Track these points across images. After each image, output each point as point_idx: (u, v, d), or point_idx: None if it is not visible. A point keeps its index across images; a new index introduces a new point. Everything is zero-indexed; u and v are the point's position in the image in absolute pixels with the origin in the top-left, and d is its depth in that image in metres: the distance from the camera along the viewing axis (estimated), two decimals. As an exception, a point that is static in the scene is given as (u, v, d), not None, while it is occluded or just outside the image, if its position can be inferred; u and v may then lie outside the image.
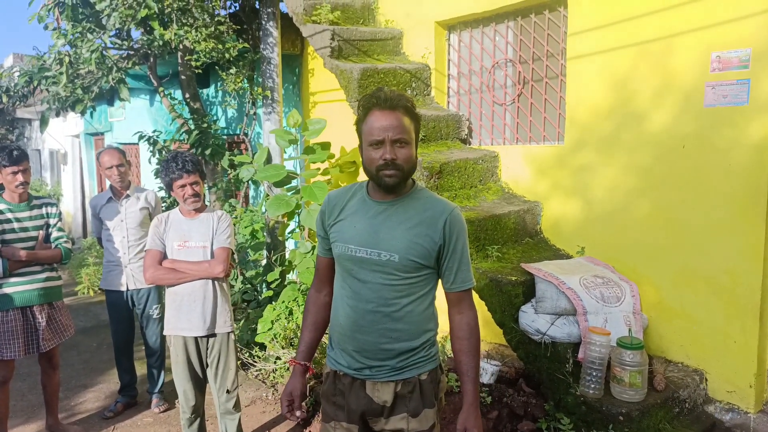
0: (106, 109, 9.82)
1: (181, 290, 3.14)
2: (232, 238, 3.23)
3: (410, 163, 1.89)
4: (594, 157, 3.92)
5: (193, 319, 3.13)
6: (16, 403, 4.31)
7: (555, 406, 3.35)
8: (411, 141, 1.88)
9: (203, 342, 3.21)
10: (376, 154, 1.85)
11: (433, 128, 4.51)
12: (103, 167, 4.06)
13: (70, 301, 7.19)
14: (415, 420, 1.97)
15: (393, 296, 1.91)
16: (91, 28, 5.08)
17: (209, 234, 3.18)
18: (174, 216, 3.23)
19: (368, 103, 1.89)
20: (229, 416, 3.34)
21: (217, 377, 3.25)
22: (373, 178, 1.91)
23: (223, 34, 5.28)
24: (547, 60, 4.30)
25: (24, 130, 14.22)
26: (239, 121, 6.80)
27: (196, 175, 3.14)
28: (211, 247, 3.17)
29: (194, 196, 3.14)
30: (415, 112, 1.91)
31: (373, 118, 1.86)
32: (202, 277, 3.13)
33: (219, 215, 3.24)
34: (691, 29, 3.39)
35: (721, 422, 3.40)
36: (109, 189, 4.16)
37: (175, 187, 3.12)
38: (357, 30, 4.89)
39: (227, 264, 3.18)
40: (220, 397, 3.29)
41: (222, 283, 3.24)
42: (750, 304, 3.29)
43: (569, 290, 3.42)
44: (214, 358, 3.23)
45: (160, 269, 3.12)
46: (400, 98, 1.87)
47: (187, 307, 3.13)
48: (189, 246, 3.15)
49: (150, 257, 3.15)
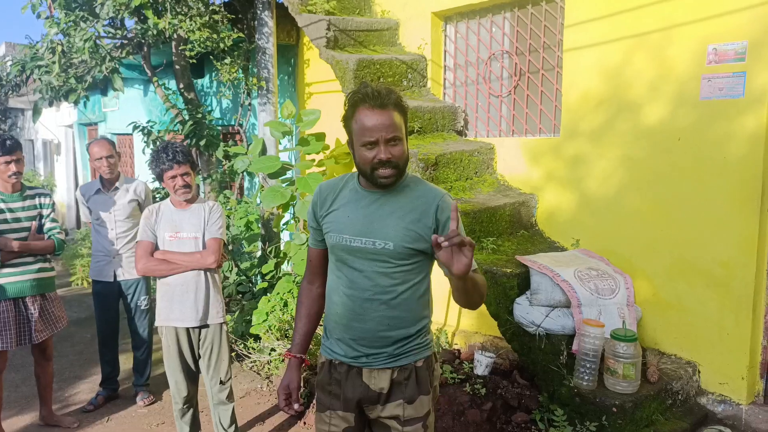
0: (99, 99, 9.75)
1: (173, 281, 3.13)
2: (223, 229, 3.23)
3: (404, 158, 1.88)
4: (589, 149, 3.92)
5: (186, 310, 3.12)
6: (10, 395, 4.30)
7: (549, 397, 3.36)
8: (403, 137, 1.86)
9: (195, 333, 3.20)
10: (370, 154, 1.84)
11: (429, 120, 4.50)
12: (92, 158, 4.04)
13: (63, 292, 7.16)
14: (411, 406, 1.98)
15: (389, 284, 1.92)
16: (85, 17, 5.02)
17: (201, 225, 3.17)
18: (165, 207, 3.21)
19: (355, 99, 1.85)
20: (222, 407, 3.34)
21: (209, 368, 3.25)
22: (368, 177, 1.89)
23: (217, 24, 5.24)
24: (543, 51, 4.28)
25: (17, 120, 14.12)
26: (234, 111, 6.76)
27: (186, 166, 3.12)
28: (202, 238, 3.16)
29: (185, 187, 3.12)
30: (404, 104, 1.88)
31: (363, 117, 1.82)
32: (194, 268, 3.12)
33: (210, 206, 3.23)
34: (688, 21, 3.38)
35: (714, 414, 3.42)
36: (99, 180, 4.14)
37: (166, 178, 3.10)
38: (353, 20, 4.86)
39: (219, 255, 3.17)
40: (213, 387, 3.29)
41: (214, 274, 3.23)
42: (744, 297, 3.30)
43: (564, 282, 3.43)
44: (206, 349, 3.23)
45: (152, 260, 3.11)
46: (390, 94, 1.83)
47: (179, 297, 3.12)
48: (180, 237, 3.14)
49: (141, 248, 3.14)
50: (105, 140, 4.13)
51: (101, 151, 4.01)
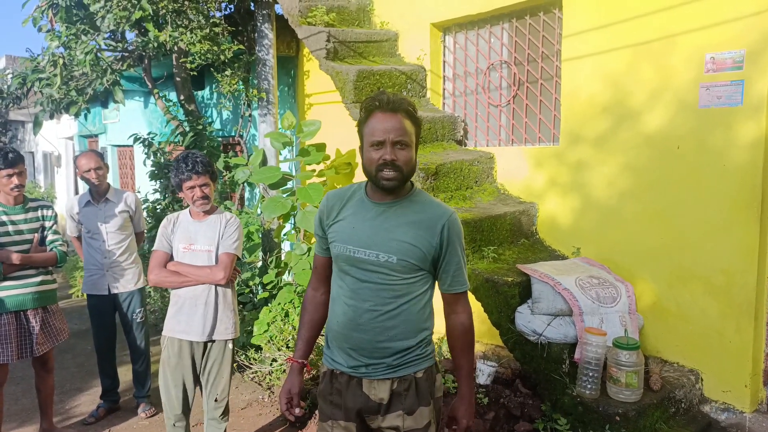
0: (100, 111, 9.78)
1: (183, 293, 3.07)
2: (239, 243, 3.14)
3: (409, 166, 1.92)
4: (589, 157, 3.93)
5: (193, 323, 3.06)
6: (10, 407, 4.28)
7: (552, 406, 3.35)
8: (411, 144, 1.91)
9: (200, 347, 3.12)
10: (376, 155, 1.88)
11: (429, 130, 4.52)
12: (80, 170, 4.00)
13: (64, 304, 7.15)
14: (411, 418, 1.98)
15: (390, 296, 1.94)
16: (86, 30, 5.06)
17: (215, 238, 3.09)
18: (183, 217, 3.16)
19: (371, 105, 1.92)
20: (215, 423, 3.23)
21: (208, 384, 3.16)
22: (372, 179, 1.93)
23: (218, 36, 5.28)
24: (542, 61, 4.31)
25: (17, 132, 14.15)
26: (234, 123, 6.79)
27: (206, 177, 3.05)
28: (216, 251, 3.09)
29: (203, 198, 3.05)
30: (417, 116, 1.95)
31: (375, 120, 1.89)
32: (203, 282, 3.05)
33: (227, 218, 3.15)
34: (686, 31, 3.41)
35: (717, 422, 3.41)
36: (88, 192, 4.12)
37: (185, 188, 3.03)
38: (352, 32, 4.89)
39: (230, 270, 3.08)
40: (209, 403, 3.19)
41: (226, 289, 3.15)
42: (745, 304, 3.30)
43: (565, 291, 3.43)
44: (208, 365, 3.14)
45: (164, 272, 3.05)
46: (402, 102, 1.91)
47: (187, 310, 3.06)
48: (194, 249, 3.07)
49: (155, 259, 3.07)
50: (92, 152, 4.12)
51: (89, 163, 3.97)
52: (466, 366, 2.04)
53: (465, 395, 2.04)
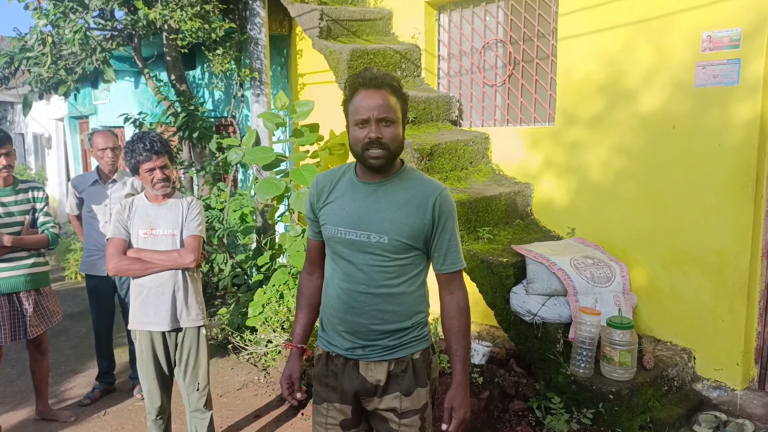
0: (90, 92, 9.65)
1: (147, 282, 2.90)
2: (203, 226, 3.01)
3: (396, 143, 1.87)
4: (584, 138, 3.91)
5: (161, 313, 2.90)
6: (5, 389, 4.28)
7: (546, 385, 3.38)
8: (397, 120, 1.86)
9: (171, 337, 2.97)
10: (362, 134, 1.84)
11: (424, 110, 4.48)
12: (95, 148, 3.99)
13: (57, 286, 7.12)
14: (408, 399, 1.97)
15: (384, 278, 1.92)
16: (74, 8, 4.96)
17: (178, 221, 2.94)
18: (139, 202, 2.96)
19: (354, 83, 1.88)
20: (199, 415, 3.09)
21: (186, 374, 3.01)
22: (359, 158, 1.90)
23: (209, 14, 5.19)
24: (537, 40, 4.27)
25: (6, 113, 13.97)
26: (227, 103, 6.71)
27: (165, 157, 2.88)
28: (180, 235, 2.93)
29: (164, 180, 2.89)
30: (402, 91, 1.90)
31: (359, 98, 1.86)
32: (171, 267, 2.89)
33: (189, 201, 3.01)
34: (682, 9, 3.37)
35: (709, 399, 3.45)
36: (95, 171, 4.09)
37: (142, 170, 2.86)
38: (346, 10, 4.82)
39: (198, 253, 2.94)
40: (191, 395, 3.06)
41: (193, 274, 3.01)
42: (738, 284, 3.32)
43: (560, 271, 3.44)
44: (183, 355, 3.00)
45: (125, 259, 2.86)
46: (386, 77, 1.86)
47: (153, 299, 2.90)
48: (156, 234, 2.91)
49: (113, 246, 2.87)
50: (109, 132, 4.09)
51: (106, 142, 3.97)
52: (462, 350, 1.95)
53: (460, 383, 1.94)
